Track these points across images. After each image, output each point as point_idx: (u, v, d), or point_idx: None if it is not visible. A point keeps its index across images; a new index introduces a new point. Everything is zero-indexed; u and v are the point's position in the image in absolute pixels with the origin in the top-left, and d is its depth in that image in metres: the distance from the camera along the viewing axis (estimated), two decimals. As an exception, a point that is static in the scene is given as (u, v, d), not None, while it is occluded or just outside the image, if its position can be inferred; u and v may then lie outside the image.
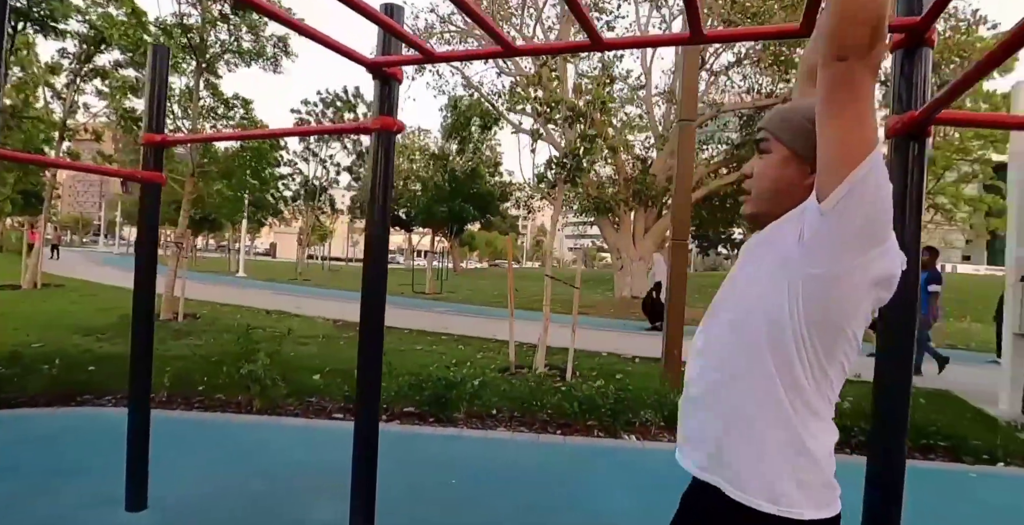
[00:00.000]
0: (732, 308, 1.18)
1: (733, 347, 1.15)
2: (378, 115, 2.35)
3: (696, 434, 1.21)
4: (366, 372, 2.43)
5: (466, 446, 4.42)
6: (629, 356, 8.75)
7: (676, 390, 5.51)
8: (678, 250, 5.51)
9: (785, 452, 1.09)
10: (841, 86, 0.96)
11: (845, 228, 0.98)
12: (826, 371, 1.08)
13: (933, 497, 4.03)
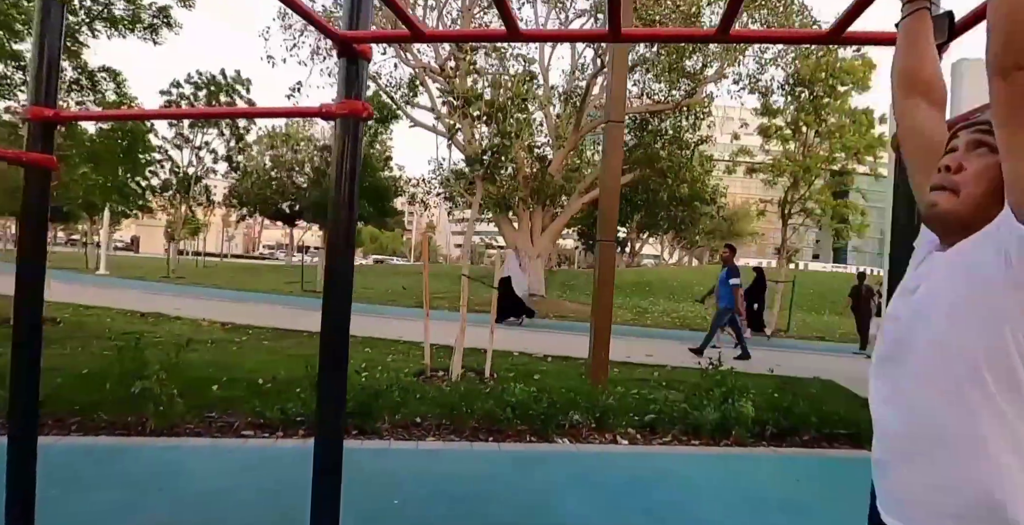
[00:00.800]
0: (924, 340, 1.06)
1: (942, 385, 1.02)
2: (344, 98, 2.04)
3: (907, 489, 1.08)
4: (329, 383, 2.13)
5: (398, 460, 4.12)
6: (540, 355, 8.74)
7: (604, 391, 5.50)
8: (605, 249, 5.51)
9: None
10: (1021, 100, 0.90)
11: None
12: None
13: (854, 484, 4.28)
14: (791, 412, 5.26)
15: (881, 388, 1.15)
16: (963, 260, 1.04)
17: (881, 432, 1.14)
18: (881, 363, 1.16)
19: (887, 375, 1.14)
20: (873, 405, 1.18)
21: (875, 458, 1.17)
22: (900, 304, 1.16)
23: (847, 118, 14.44)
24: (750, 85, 15.24)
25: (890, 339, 1.15)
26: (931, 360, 1.03)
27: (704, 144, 16.89)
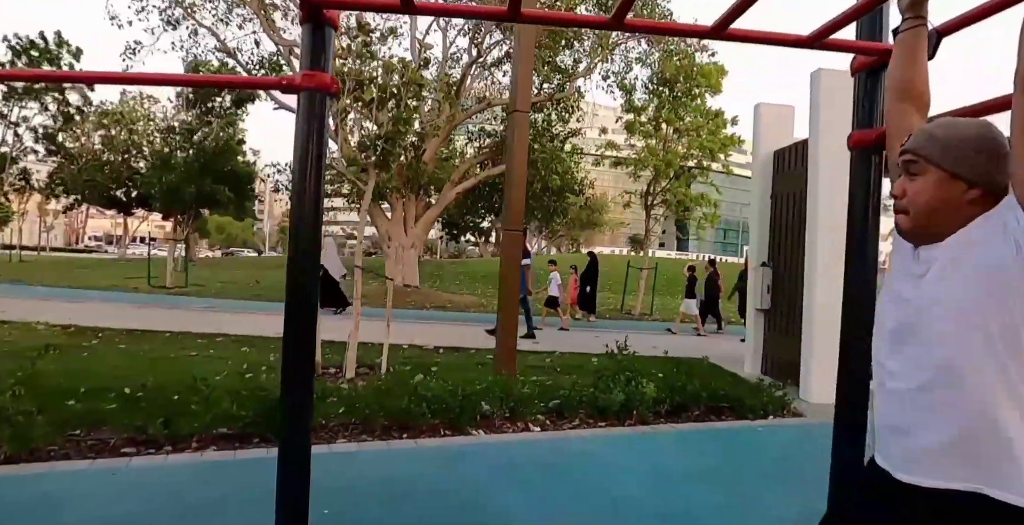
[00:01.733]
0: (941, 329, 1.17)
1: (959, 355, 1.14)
2: (308, 68, 1.83)
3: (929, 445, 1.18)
4: (294, 390, 1.93)
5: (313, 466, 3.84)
6: (431, 347, 8.60)
7: (514, 379, 5.52)
8: (512, 239, 5.50)
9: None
10: None
11: None
12: None
13: (742, 451, 4.66)
14: (684, 390, 5.61)
15: (890, 361, 1.27)
16: (970, 248, 1.16)
17: (895, 400, 1.25)
18: (892, 339, 1.28)
19: (899, 350, 1.25)
20: (882, 378, 1.30)
21: (887, 423, 1.28)
22: (907, 287, 1.27)
23: (703, 118, 15.63)
24: (617, 82, 15.98)
25: (900, 318, 1.26)
26: (948, 334, 1.15)
27: (574, 137, 17.51)
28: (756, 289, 8.12)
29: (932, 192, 1.23)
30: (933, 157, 1.23)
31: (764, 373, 7.92)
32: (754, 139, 8.43)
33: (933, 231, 1.23)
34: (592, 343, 9.86)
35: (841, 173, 6.71)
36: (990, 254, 1.12)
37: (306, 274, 1.91)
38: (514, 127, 5.50)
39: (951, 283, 1.17)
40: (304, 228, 1.87)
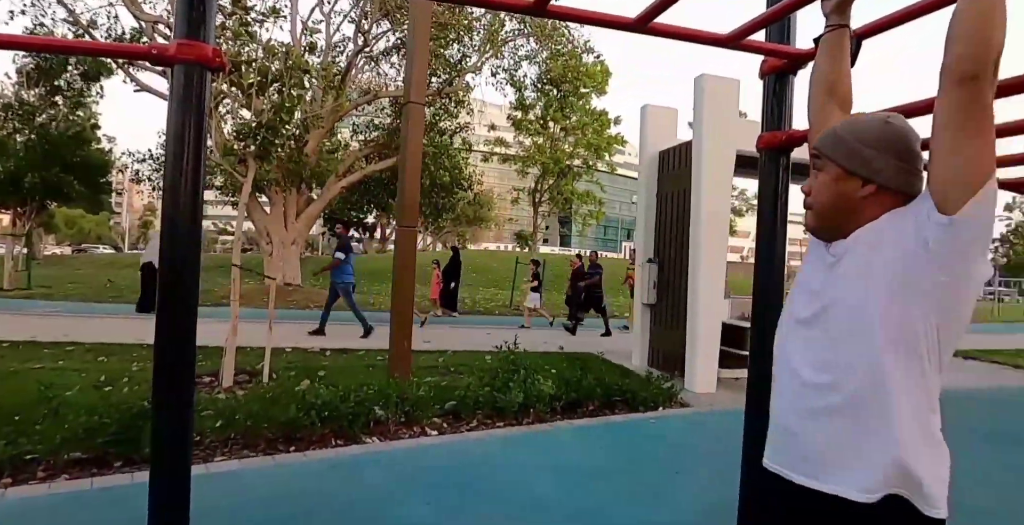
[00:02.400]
0: (848, 320, 1.17)
1: (860, 357, 1.14)
2: (185, 37, 1.56)
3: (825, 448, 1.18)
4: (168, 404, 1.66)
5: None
6: (316, 349, 8.14)
7: (408, 381, 5.30)
8: (405, 236, 5.25)
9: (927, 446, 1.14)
10: (974, 106, 1.05)
11: (972, 236, 1.08)
12: (942, 362, 1.15)
13: (638, 443, 4.75)
14: (580, 386, 5.66)
15: (795, 351, 1.27)
16: (878, 247, 1.17)
17: (792, 392, 1.26)
18: (797, 327, 1.28)
19: (803, 338, 1.26)
20: (785, 367, 1.30)
21: (781, 420, 1.28)
22: (817, 277, 1.28)
23: (588, 117, 16.07)
24: (507, 79, 16.04)
25: (809, 307, 1.27)
26: (852, 330, 1.16)
27: (463, 132, 17.36)
28: (643, 284, 8.41)
29: (831, 188, 1.26)
30: (831, 153, 1.26)
31: (651, 366, 8.21)
32: (641, 140, 8.70)
33: (836, 228, 1.26)
34: (485, 340, 9.81)
35: (723, 173, 7.06)
36: (898, 253, 1.13)
37: (183, 273, 1.64)
38: (408, 119, 5.27)
39: (858, 281, 1.18)
40: (181, 222, 1.60)
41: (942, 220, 1.07)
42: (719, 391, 6.85)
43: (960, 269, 1.10)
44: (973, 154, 1.06)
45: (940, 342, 1.12)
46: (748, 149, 6.81)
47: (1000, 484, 4.17)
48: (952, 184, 1.07)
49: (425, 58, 5.69)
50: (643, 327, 8.49)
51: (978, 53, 1.03)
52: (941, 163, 1.09)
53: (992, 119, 1.08)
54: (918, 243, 1.11)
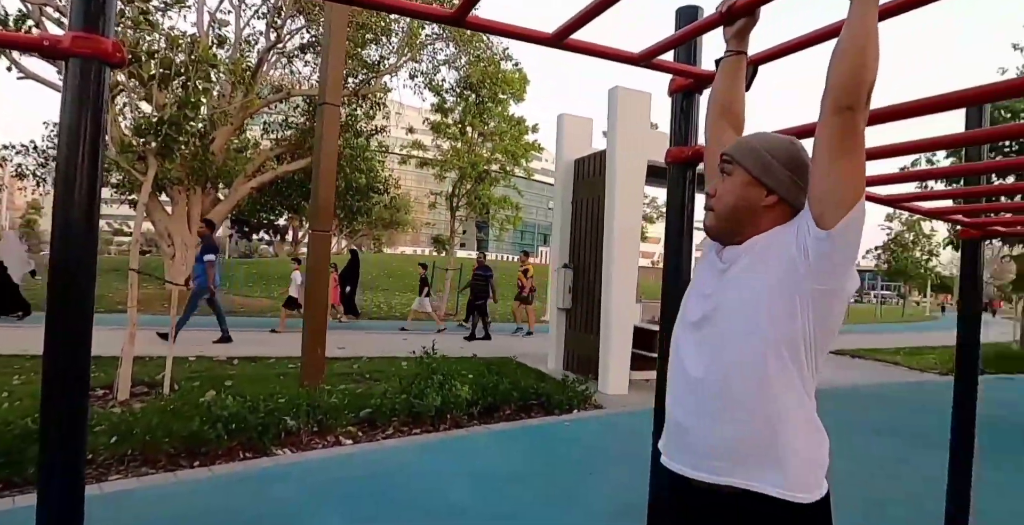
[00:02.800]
0: (741, 318, 1.27)
1: (746, 355, 1.24)
2: (82, 29, 1.47)
3: (717, 443, 1.27)
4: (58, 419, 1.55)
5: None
6: (223, 358, 7.76)
7: (320, 389, 5.15)
8: (319, 241, 5.09)
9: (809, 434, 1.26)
10: (849, 133, 1.17)
11: (845, 249, 1.20)
12: (817, 365, 1.27)
13: (555, 446, 4.84)
14: (497, 390, 5.70)
15: (688, 353, 1.37)
16: (766, 255, 1.28)
17: (686, 391, 1.35)
18: (689, 329, 1.38)
19: (695, 340, 1.36)
20: (678, 368, 1.40)
21: (677, 420, 1.37)
22: (710, 283, 1.38)
23: (506, 124, 16.23)
24: (425, 83, 15.93)
25: (700, 310, 1.36)
26: (739, 332, 1.26)
27: (379, 134, 17.08)
28: (558, 289, 8.58)
29: (737, 192, 1.35)
30: (743, 160, 1.35)
31: (567, 369, 8.39)
32: (557, 148, 8.89)
33: (732, 231, 1.36)
34: (401, 346, 9.68)
35: (635, 182, 7.31)
36: (782, 263, 1.24)
37: (77, 278, 1.53)
38: (323, 120, 5.13)
39: (746, 286, 1.28)
40: (75, 223, 1.50)
41: (820, 234, 1.18)
42: (631, 392, 7.08)
43: (834, 279, 1.21)
44: (847, 176, 1.17)
45: (816, 344, 1.23)
46: (659, 159, 7.11)
47: (893, 475, 4.56)
48: (828, 202, 1.18)
49: (341, 58, 5.57)
50: (558, 331, 8.65)
51: (853, 86, 1.15)
52: (819, 183, 1.20)
53: (863, 144, 1.20)
54: (799, 254, 1.21)
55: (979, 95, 1.62)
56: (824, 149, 1.19)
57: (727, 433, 1.25)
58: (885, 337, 18.29)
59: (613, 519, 3.41)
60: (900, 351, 13.18)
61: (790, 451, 1.22)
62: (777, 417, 1.22)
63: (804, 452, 1.24)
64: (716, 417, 1.27)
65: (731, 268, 1.33)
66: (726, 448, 1.25)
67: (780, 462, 1.22)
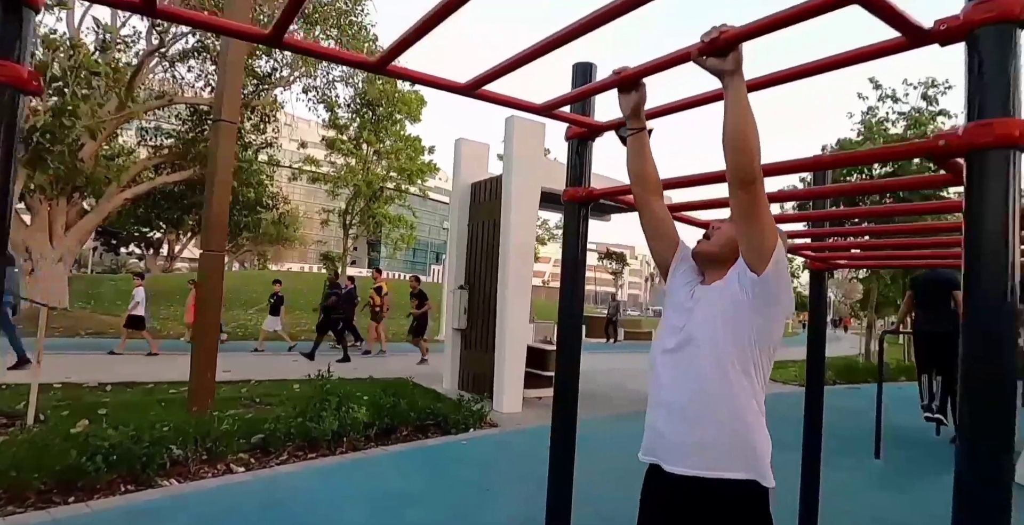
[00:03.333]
0: (704, 343, 1.60)
1: (713, 371, 1.58)
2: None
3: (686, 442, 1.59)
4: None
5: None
6: (94, 383, 7.19)
7: (208, 416, 4.93)
8: (211, 261, 4.89)
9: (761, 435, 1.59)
10: (754, 201, 1.47)
11: (774, 287, 1.54)
12: (765, 378, 1.63)
13: (453, 466, 4.93)
14: (395, 412, 5.72)
15: (665, 373, 1.68)
16: (721, 293, 1.64)
17: (664, 404, 1.67)
18: (665, 355, 1.70)
19: (671, 364, 1.68)
20: (657, 385, 1.71)
21: (657, 427, 1.68)
22: (679, 317, 1.71)
23: (402, 143, 16.27)
24: (319, 98, 15.65)
25: (674, 340, 1.68)
26: (706, 353, 1.60)
27: (269, 147, 16.50)
28: (454, 310, 8.71)
29: (731, 232, 1.69)
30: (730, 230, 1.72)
31: (462, 388, 8.50)
32: (454, 171, 9.09)
33: (716, 260, 1.71)
34: (291, 368, 9.39)
35: (529, 207, 7.63)
36: (733, 300, 1.59)
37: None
38: (218, 137, 4.99)
39: (708, 320, 1.62)
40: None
41: (754, 277, 1.53)
42: (524, 411, 7.32)
43: (770, 310, 1.57)
44: (760, 234, 1.50)
45: (762, 361, 1.59)
46: (552, 186, 7.49)
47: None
48: (752, 255, 1.53)
49: (239, 72, 5.43)
50: (454, 351, 8.77)
51: (747, 166, 1.43)
52: (743, 242, 1.54)
53: (767, 204, 1.51)
54: (742, 293, 1.57)
55: (826, 163, 1.98)
56: (739, 217, 1.51)
57: (702, 436, 1.56)
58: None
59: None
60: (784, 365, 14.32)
61: (753, 447, 1.55)
62: (741, 421, 1.55)
63: (761, 448, 1.57)
64: (692, 423, 1.58)
65: (696, 307, 1.67)
66: (702, 447, 1.56)
67: (746, 456, 1.54)
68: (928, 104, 13.23)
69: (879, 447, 5.55)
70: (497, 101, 2.07)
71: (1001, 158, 1.24)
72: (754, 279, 1.53)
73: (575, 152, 2.47)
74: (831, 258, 3.47)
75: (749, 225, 1.50)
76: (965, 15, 1.31)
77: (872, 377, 9.70)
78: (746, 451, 1.55)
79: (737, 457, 1.55)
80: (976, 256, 1.24)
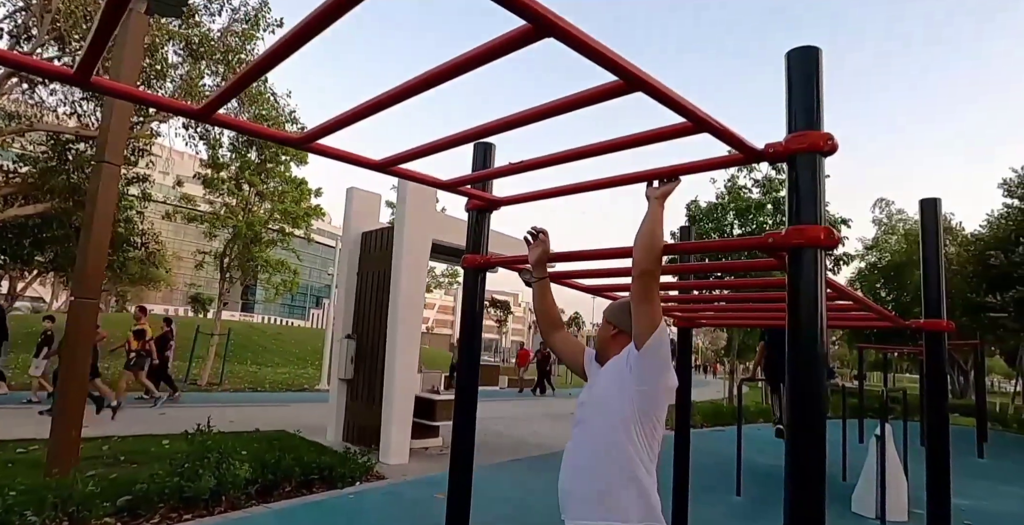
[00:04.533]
0: (598, 412, 1.96)
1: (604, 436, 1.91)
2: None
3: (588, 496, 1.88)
4: None
5: None
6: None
7: (71, 479, 4.54)
8: (83, 310, 4.57)
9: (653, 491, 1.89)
10: (649, 289, 1.86)
11: (654, 361, 1.88)
12: (652, 444, 1.92)
13: (342, 522, 4.84)
14: (279, 466, 5.54)
15: (574, 439, 2.03)
16: (613, 371, 2.02)
17: (569, 466, 1.99)
18: (576, 427, 2.04)
19: (577, 433, 2.02)
20: (568, 451, 2.04)
21: (564, 487, 1.99)
22: (585, 395, 2.10)
23: (288, 185, 15.93)
24: (199, 134, 15.04)
25: (580, 414, 2.06)
26: (602, 423, 1.95)
27: (142, 182, 15.50)
28: (340, 360, 8.58)
29: (602, 331, 2.19)
30: (613, 320, 2.14)
31: (346, 440, 8.31)
32: (345, 220, 9.10)
33: (603, 352, 2.14)
34: (158, 422, 8.73)
35: (420, 257, 7.83)
36: (620, 375, 1.93)
37: None
38: (100, 180, 4.75)
39: (603, 394, 1.97)
40: None
41: (636, 353, 1.87)
42: (411, 462, 7.29)
43: (651, 382, 1.87)
44: (649, 315, 1.84)
45: (645, 429, 1.89)
46: (442, 238, 7.73)
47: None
48: (640, 333, 1.86)
49: (128, 111, 5.22)
50: (339, 402, 8.58)
51: (650, 260, 1.83)
52: (635, 320, 1.87)
53: (658, 294, 1.89)
54: (627, 368, 1.91)
55: (685, 248, 2.37)
56: (635, 300, 1.87)
57: (596, 488, 1.86)
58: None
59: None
60: None
61: (637, 499, 1.83)
62: (629, 476, 1.84)
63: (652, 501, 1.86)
64: (588, 479, 1.88)
65: (595, 383, 2.05)
66: (596, 499, 1.85)
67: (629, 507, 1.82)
68: (777, 173, 15.04)
69: (739, 484, 6.12)
70: (408, 177, 2.31)
71: (811, 254, 1.67)
72: (635, 354, 1.87)
73: (475, 222, 2.75)
74: (695, 317, 3.96)
75: (639, 306, 1.85)
76: (786, 142, 1.75)
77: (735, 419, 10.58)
78: (641, 504, 1.84)
79: (633, 510, 1.83)
80: (796, 323, 1.67)
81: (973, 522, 5.82)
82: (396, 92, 1.60)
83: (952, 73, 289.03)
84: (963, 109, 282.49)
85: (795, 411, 1.62)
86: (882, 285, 21.03)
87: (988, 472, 8.94)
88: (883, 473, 5.40)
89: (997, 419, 16.36)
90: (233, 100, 12.74)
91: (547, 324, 2.35)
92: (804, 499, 1.57)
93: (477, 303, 2.72)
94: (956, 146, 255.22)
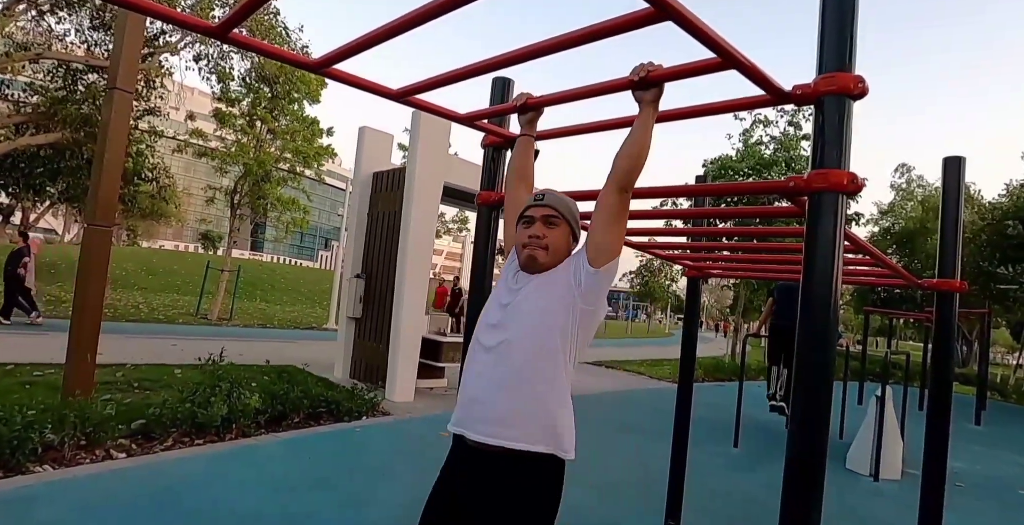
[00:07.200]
0: (528, 323, 1.77)
1: (532, 348, 1.74)
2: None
3: (505, 413, 1.71)
4: None
5: None
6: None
7: (88, 399, 4.68)
8: (97, 236, 4.60)
9: (566, 410, 1.76)
10: (623, 206, 1.74)
11: (604, 282, 1.76)
12: (576, 360, 1.81)
13: (348, 453, 4.99)
14: (287, 398, 5.69)
15: (488, 344, 1.80)
16: (550, 281, 1.81)
17: (479, 374, 1.80)
18: (488, 329, 1.85)
19: (492, 336, 1.80)
20: (473, 356, 1.86)
21: (470, 396, 1.80)
22: (507, 296, 1.87)
23: (299, 123, 15.72)
24: (211, 68, 14.77)
25: (498, 316, 1.83)
26: (527, 330, 1.76)
27: (152, 115, 15.35)
28: (350, 298, 8.68)
29: (563, 239, 1.88)
30: (565, 217, 1.90)
31: (353, 377, 8.50)
32: (356, 160, 9.01)
33: (552, 264, 1.85)
34: (171, 352, 8.94)
35: (431, 200, 7.79)
36: (563, 286, 1.78)
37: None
38: (112, 107, 4.70)
39: (535, 300, 1.80)
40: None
41: (591, 270, 1.73)
42: (416, 400, 7.47)
43: (595, 302, 1.76)
44: (617, 235, 1.74)
45: (577, 347, 1.77)
46: (454, 181, 7.66)
47: (631, 464, 5.51)
48: (602, 251, 1.73)
49: (138, 37, 5.07)
50: (347, 340, 8.73)
51: (631, 175, 1.70)
52: (598, 237, 1.73)
53: (627, 213, 1.77)
54: (575, 281, 1.76)
55: (703, 190, 2.32)
56: (603, 215, 1.73)
57: (513, 406, 1.69)
58: (633, 350, 21.09)
59: (403, 512, 3.71)
60: (644, 363, 15.43)
61: (558, 421, 1.71)
62: (551, 395, 1.71)
63: (566, 421, 1.74)
64: (506, 393, 1.71)
65: (523, 288, 1.84)
66: (511, 417, 1.69)
67: (552, 429, 1.69)
68: (795, 129, 14.69)
69: (738, 436, 6.25)
70: (425, 108, 2.25)
71: (833, 200, 1.62)
72: (591, 272, 1.73)
73: (490, 158, 2.69)
74: (705, 267, 3.93)
75: (609, 225, 1.72)
76: (815, 84, 1.68)
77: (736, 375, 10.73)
78: (552, 424, 1.70)
79: (542, 429, 1.69)
80: (812, 270, 1.62)
81: (965, 484, 5.94)
82: (415, 14, 1.54)
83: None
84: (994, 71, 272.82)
85: (805, 356, 1.61)
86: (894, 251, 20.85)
87: (983, 438, 9.09)
88: (880, 432, 5.50)
89: (997, 389, 16.53)
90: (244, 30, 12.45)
91: (520, 179, 2.16)
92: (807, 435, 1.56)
93: (490, 241, 2.70)
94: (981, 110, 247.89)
